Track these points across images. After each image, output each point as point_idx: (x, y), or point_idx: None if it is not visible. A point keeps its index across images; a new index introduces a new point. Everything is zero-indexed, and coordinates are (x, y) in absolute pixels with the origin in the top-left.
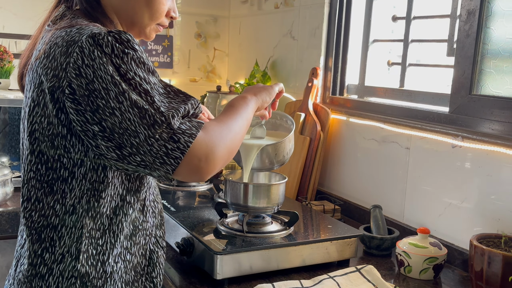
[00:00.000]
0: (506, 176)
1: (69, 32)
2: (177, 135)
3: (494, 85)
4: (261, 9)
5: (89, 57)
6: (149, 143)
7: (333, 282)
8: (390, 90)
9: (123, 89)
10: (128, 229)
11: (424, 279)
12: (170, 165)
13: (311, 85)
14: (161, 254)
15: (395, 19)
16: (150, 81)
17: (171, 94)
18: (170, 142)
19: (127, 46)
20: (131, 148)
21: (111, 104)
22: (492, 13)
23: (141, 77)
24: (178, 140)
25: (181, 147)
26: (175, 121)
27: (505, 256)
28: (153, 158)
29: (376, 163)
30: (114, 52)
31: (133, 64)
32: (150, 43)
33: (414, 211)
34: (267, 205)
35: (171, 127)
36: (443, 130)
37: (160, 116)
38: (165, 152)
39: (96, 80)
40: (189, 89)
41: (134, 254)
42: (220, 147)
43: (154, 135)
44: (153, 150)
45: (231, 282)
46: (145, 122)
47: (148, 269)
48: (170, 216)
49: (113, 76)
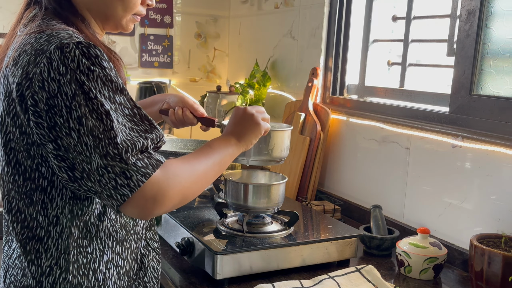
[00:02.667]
0: (506, 176)
1: (39, 39)
2: (130, 171)
3: (494, 85)
4: (261, 9)
5: (56, 71)
6: (100, 173)
7: (333, 282)
8: (390, 90)
9: (83, 111)
10: (119, 234)
11: (424, 279)
12: (116, 200)
13: (311, 85)
14: (153, 256)
15: (395, 19)
16: (116, 100)
17: (136, 118)
18: (121, 177)
19: (94, 62)
20: (82, 173)
21: (70, 124)
22: (492, 13)
23: (106, 96)
24: (129, 177)
25: (131, 185)
26: (129, 156)
27: (505, 256)
28: (101, 188)
29: (376, 163)
30: (80, 68)
31: (98, 81)
32: (150, 43)
33: (414, 211)
34: (267, 205)
35: (125, 161)
36: (443, 130)
37: (113, 148)
38: (113, 186)
39: (60, 96)
40: (189, 89)
41: (126, 259)
42: (173, 192)
43: (106, 166)
44: (102, 181)
45: (231, 282)
46: (98, 152)
47: (140, 273)
48: (170, 216)
49: (77, 95)
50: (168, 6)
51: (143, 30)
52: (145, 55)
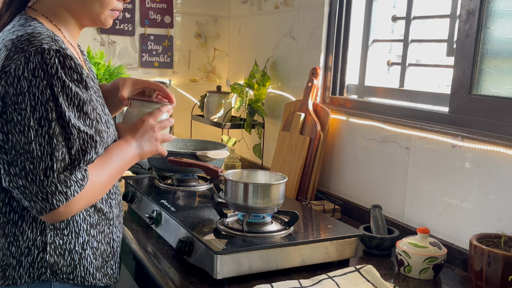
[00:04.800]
0: (506, 176)
1: (20, 37)
2: (71, 181)
3: (494, 85)
4: (261, 9)
5: (31, 71)
6: (46, 174)
7: (332, 283)
8: (390, 90)
9: (52, 117)
10: (92, 219)
11: (424, 279)
12: (51, 204)
13: (311, 85)
14: (119, 242)
15: (395, 19)
16: (77, 114)
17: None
18: (62, 185)
19: (67, 73)
20: (20, 171)
21: (30, 123)
22: (492, 13)
23: (71, 107)
24: (69, 186)
25: (68, 194)
26: (77, 167)
27: (505, 256)
28: (39, 189)
29: (376, 163)
30: (57, 75)
31: (69, 93)
32: (150, 43)
33: (414, 211)
34: (267, 205)
35: (71, 171)
36: (443, 130)
37: (68, 156)
38: (52, 191)
39: (27, 95)
40: (189, 89)
41: (100, 241)
42: (80, 206)
43: (57, 170)
44: (45, 182)
45: (231, 282)
46: (56, 156)
47: (110, 256)
48: (170, 216)
49: (49, 100)
50: (168, 6)
51: (143, 30)
52: (145, 55)
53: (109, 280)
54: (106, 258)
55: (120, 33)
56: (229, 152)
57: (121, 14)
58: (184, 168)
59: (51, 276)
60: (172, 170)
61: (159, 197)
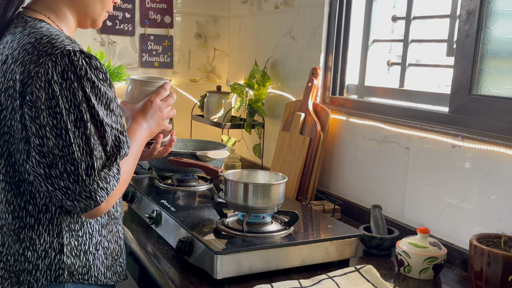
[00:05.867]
0: (506, 176)
1: (39, 40)
2: (109, 176)
3: (494, 85)
4: (261, 9)
5: (61, 75)
6: (88, 174)
7: (332, 283)
8: (390, 90)
9: (87, 117)
10: (102, 219)
11: (424, 279)
12: (95, 201)
13: (311, 85)
14: (123, 239)
15: (395, 19)
16: (108, 112)
17: (117, 131)
18: (103, 182)
19: (95, 74)
20: (61, 173)
21: (65, 126)
22: (492, 13)
23: (101, 106)
24: (108, 182)
25: (108, 188)
26: (113, 163)
27: (505, 256)
28: (82, 188)
29: (376, 163)
30: (87, 76)
31: (98, 92)
32: (150, 43)
33: (414, 211)
34: (267, 205)
35: (110, 167)
36: (443, 130)
37: (104, 154)
38: (95, 189)
39: (60, 98)
40: (189, 89)
41: (110, 241)
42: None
43: (97, 168)
44: (87, 181)
45: (231, 282)
46: (95, 154)
47: (119, 254)
48: (170, 216)
49: (82, 101)
50: (168, 6)
51: (143, 30)
52: (145, 55)
53: (119, 278)
54: (115, 257)
55: (120, 33)
56: (229, 152)
57: (121, 14)
58: (184, 168)
59: (68, 277)
60: (172, 170)
61: (159, 197)
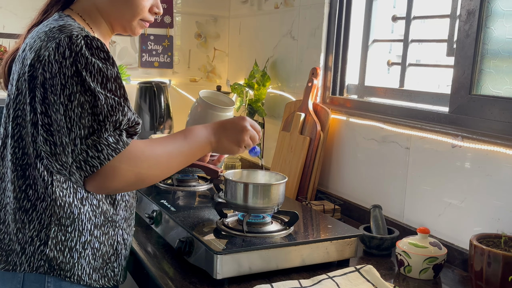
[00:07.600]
0: (506, 176)
1: (52, 29)
2: (101, 144)
3: (494, 85)
4: (261, 9)
5: (61, 54)
6: (75, 143)
7: (332, 283)
8: (390, 90)
9: (77, 89)
10: (97, 219)
11: (424, 279)
12: (85, 171)
13: (311, 85)
14: (126, 245)
15: (395, 19)
16: (106, 87)
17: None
18: (92, 150)
19: (93, 53)
20: (61, 147)
21: (61, 99)
22: (492, 13)
23: (98, 81)
24: (100, 150)
25: (101, 157)
26: (104, 131)
27: (505, 256)
28: (72, 159)
29: (376, 163)
30: (81, 52)
31: (93, 69)
32: (150, 43)
33: (414, 211)
34: (267, 205)
35: (100, 135)
36: (443, 130)
37: (97, 124)
38: (84, 158)
39: (58, 75)
40: (189, 89)
41: (103, 243)
42: (128, 172)
43: (82, 138)
44: (76, 151)
45: (231, 282)
46: (83, 123)
47: (112, 258)
48: (170, 216)
49: (74, 75)
50: (168, 6)
51: (143, 30)
52: (145, 55)
53: (108, 282)
54: (107, 260)
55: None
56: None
57: None
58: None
59: (48, 270)
60: None
61: (159, 197)
